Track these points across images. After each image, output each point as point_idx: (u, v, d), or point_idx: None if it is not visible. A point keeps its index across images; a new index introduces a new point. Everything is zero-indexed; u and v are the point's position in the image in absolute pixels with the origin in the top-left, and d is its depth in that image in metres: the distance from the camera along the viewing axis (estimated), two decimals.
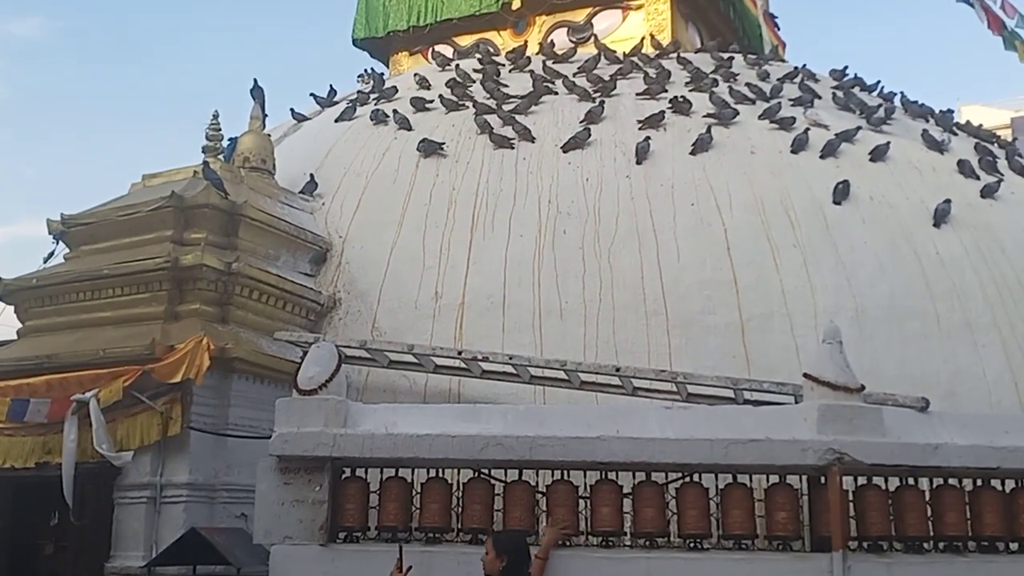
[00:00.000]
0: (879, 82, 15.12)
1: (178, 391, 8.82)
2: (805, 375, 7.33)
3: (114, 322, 9.63)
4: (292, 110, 15.05)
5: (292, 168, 12.10)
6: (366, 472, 7.28)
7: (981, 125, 15.74)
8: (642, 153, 11.54)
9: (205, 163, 10.42)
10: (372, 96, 14.40)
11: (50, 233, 10.68)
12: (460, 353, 9.32)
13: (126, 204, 10.31)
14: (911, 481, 7.16)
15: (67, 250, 10.61)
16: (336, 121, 13.71)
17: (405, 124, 12.82)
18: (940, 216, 10.95)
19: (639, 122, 12.20)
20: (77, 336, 9.61)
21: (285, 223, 10.71)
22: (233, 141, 11.57)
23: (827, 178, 11.26)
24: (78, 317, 9.84)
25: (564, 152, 11.79)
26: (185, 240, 9.86)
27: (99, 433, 8.63)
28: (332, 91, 15.39)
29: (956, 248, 10.73)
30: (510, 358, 9.16)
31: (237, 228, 10.15)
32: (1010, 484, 7.19)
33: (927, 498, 7.13)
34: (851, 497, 7.04)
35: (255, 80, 12.06)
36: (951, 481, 7.17)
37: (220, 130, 11.05)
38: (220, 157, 10.92)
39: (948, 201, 11.08)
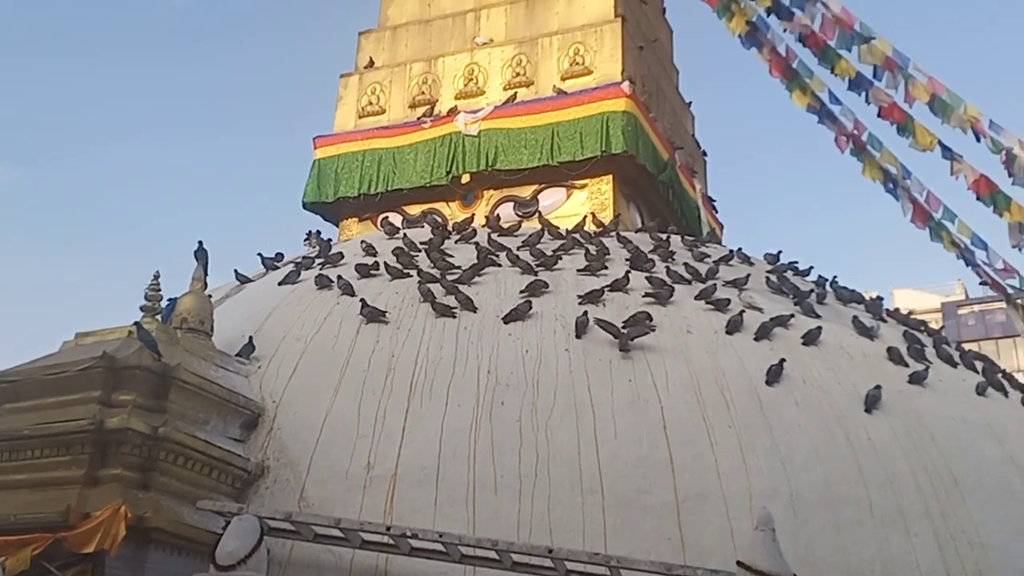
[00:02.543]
0: (811, 267, 15.70)
1: (90, 561, 8.47)
2: (739, 563, 7.29)
3: (30, 485, 9.25)
4: (236, 271, 15.12)
5: (231, 330, 12.01)
6: None
7: (911, 312, 16.34)
8: (581, 327, 11.70)
9: (137, 324, 10.30)
10: (317, 261, 14.53)
11: None
12: (389, 529, 9.07)
13: (55, 363, 10.12)
14: None
15: None
16: (280, 284, 13.76)
17: (348, 290, 12.89)
18: (871, 402, 11.14)
19: (579, 297, 12.43)
20: None
21: (217, 387, 10.52)
22: (173, 301, 11.50)
23: (761, 359, 11.47)
24: None
25: (505, 323, 11.91)
26: (113, 402, 9.62)
27: None
28: (279, 255, 15.54)
29: (887, 434, 10.87)
30: (440, 535, 8.93)
31: (168, 391, 9.94)
32: None
33: None
34: None
35: (200, 242, 12.09)
36: None
37: (160, 290, 10.99)
38: (158, 317, 10.83)
39: (879, 387, 11.30)
